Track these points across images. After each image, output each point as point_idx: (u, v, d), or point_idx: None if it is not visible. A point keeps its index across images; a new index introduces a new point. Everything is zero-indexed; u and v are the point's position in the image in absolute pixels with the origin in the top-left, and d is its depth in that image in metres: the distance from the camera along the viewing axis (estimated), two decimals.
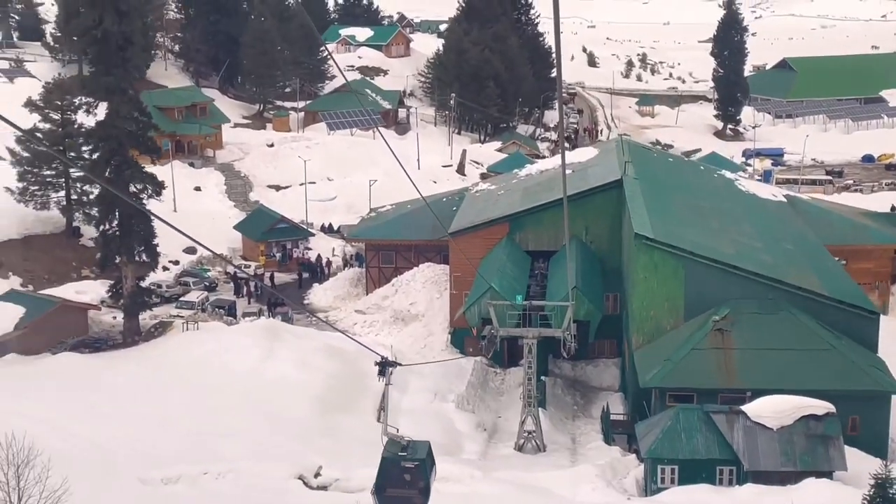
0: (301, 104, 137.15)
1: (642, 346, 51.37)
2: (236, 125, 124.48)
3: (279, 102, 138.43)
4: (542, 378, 55.72)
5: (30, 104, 78.92)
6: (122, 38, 58.56)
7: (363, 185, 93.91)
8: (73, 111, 78.56)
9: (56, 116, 78.31)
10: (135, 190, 60.31)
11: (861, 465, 41.28)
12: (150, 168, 63.60)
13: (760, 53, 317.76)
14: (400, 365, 27.28)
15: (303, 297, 75.15)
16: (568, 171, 66.27)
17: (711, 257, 51.45)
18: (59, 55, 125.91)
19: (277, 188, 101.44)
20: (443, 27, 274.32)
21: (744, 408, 43.18)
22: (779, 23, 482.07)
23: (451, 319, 64.39)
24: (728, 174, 76.60)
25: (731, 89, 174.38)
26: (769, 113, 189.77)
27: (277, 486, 43.13)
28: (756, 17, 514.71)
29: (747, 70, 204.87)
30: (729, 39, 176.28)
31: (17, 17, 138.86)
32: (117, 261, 60.90)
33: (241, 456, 45.77)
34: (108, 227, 60.05)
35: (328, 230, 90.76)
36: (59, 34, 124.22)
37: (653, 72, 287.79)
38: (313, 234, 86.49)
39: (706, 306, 50.49)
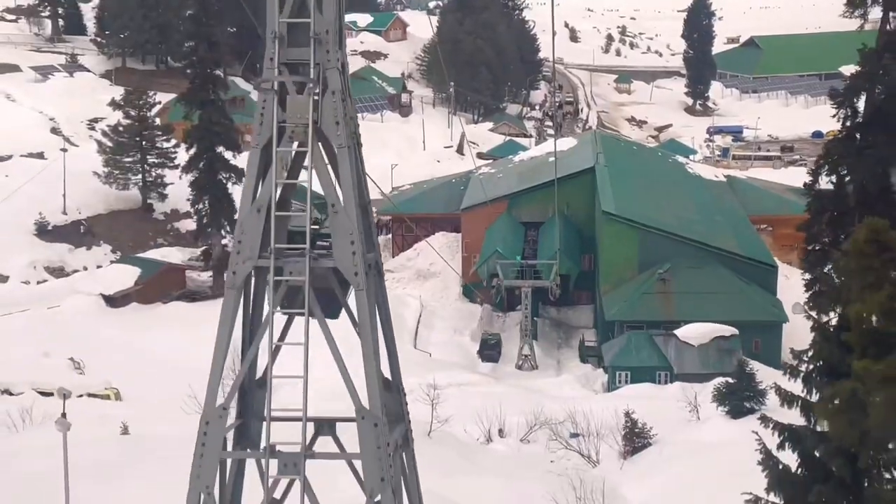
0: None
1: (608, 291, 69.72)
2: None
3: None
4: (535, 318, 73.62)
5: (113, 104, 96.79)
6: (212, 62, 76.37)
7: (379, 165, 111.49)
8: (148, 108, 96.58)
9: (134, 113, 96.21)
10: (221, 178, 78.22)
11: (760, 373, 59.60)
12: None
13: (734, 24, 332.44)
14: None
15: None
16: (552, 158, 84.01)
17: (658, 227, 69.68)
18: (104, 49, 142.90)
19: None
20: (432, 4, 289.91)
21: (676, 332, 61.79)
22: None
23: (463, 275, 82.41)
24: (680, 158, 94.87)
25: (700, 68, 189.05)
26: (736, 88, 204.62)
27: None
28: None
29: (721, 43, 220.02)
30: (698, 23, 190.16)
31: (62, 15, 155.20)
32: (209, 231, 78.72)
33: None
34: (202, 206, 77.83)
35: None
36: (105, 31, 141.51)
37: (632, 46, 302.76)
38: None
39: (654, 263, 68.36)
